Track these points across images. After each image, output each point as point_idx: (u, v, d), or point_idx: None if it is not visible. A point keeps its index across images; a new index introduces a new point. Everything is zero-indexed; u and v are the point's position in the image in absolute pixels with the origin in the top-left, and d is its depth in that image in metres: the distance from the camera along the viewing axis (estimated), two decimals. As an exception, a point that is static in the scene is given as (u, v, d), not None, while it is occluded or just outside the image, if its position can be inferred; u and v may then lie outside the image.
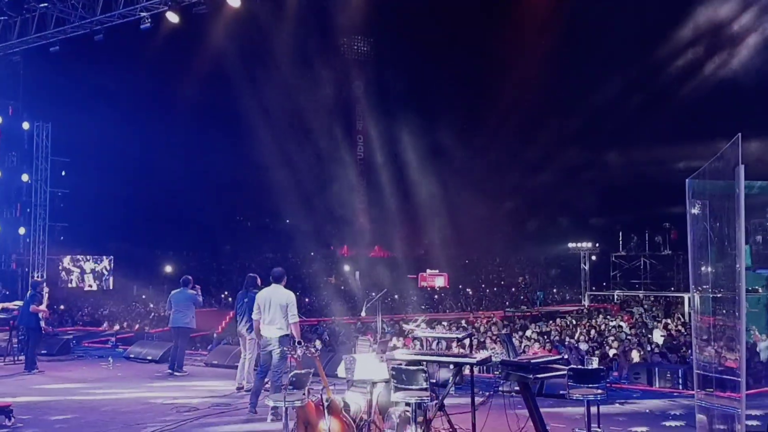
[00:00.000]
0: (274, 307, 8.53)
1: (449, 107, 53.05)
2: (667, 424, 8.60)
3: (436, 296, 46.35)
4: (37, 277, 15.96)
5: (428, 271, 53.63)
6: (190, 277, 12.59)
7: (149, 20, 16.11)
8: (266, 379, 8.90)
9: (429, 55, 55.91)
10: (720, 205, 5.60)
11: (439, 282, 52.36)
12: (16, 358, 13.50)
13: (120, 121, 40.79)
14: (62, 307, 30.26)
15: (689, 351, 15.51)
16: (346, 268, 57.95)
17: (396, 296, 40.63)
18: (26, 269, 21.61)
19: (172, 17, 16.10)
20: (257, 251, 53.81)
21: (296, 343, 8.25)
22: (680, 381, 10.88)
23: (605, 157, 51.56)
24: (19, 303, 14.04)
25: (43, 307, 12.83)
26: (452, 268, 55.88)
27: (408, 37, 55.78)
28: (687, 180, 6.37)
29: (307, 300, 36.81)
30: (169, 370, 12.14)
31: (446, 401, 7.43)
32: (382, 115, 61.89)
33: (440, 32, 53.06)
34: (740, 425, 5.39)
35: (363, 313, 9.40)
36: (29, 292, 13.31)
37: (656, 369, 11.55)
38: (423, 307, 38.47)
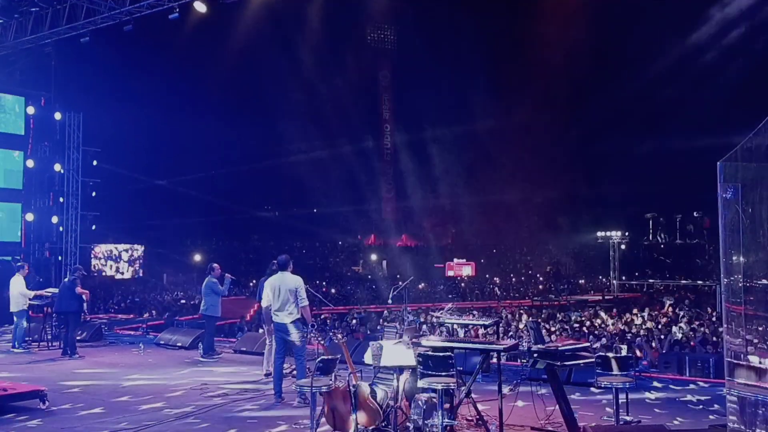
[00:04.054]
0: (284, 293, 8.64)
1: (477, 97, 52.66)
2: (698, 412, 8.49)
3: (463, 285, 46.24)
4: (78, 266, 16.25)
5: (455, 260, 53.52)
6: (214, 265, 12.84)
7: (177, 10, 16.20)
8: (286, 364, 9.00)
9: (456, 43, 55.49)
10: (752, 189, 5.47)
11: (467, 271, 52.22)
12: (50, 344, 13.79)
13: (150, 110, 41.27)
14: (107, 297, 30.84)
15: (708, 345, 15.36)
16: (374, 257, 58.11)
17: (423, 284, 40.64)
18: (59, 257, 21.98)
19: (200, 7, 16.17)
20: (285, 240, 54.16)
21: (311, 327, 8.37)
22: (711, 370, 10.73)
23: (636, 144, 50.86)
24: (53, 290, 14.32)
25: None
26: (480, 257, 55.72)
27: (434, 24, 55.45)
28: (718, 163, 6.23)
29: (333, 291, 36.99)
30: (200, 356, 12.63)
31: (473, 388, 7.43)
32: (408, 104, 61.81)
33: (468, 16, 52.59)
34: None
35: (390, 302, 9.41)
36: (67, 278, 13.56)
37: (687, 358, 11.41)
38: (450, 296, 38.43)
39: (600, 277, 50.72)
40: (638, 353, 14.76)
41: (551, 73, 45.84)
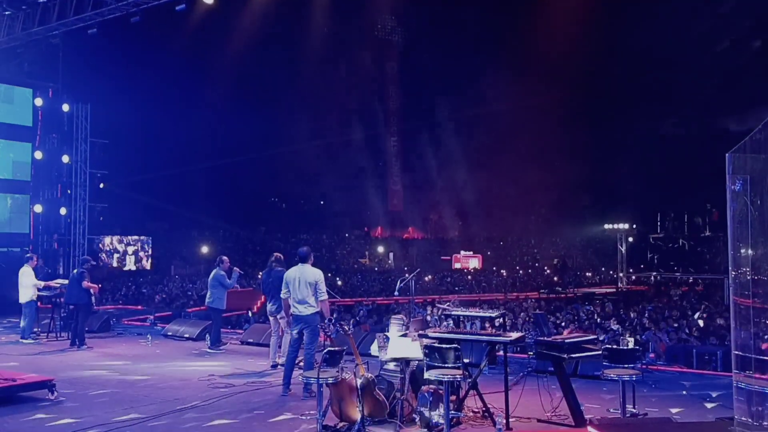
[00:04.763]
0: (303, 286, 8.59)
1: (484, 90, 52.45)
2: (705, 405, 8.48)
3: (469, 277, 46.22)
4: (87, 257, 16.28)
5: (462, 252, 53.47)
6: (223, 258, 12.91)
7: (184, 1, 16.19)
8: (298, 357, 9.00)
9: (463, 34, 55.26)
10: (761, 180, 5.43)
11: (474, 263, 52.21)
12: (58, 335, 13.86)
13: (157, 101, 41.28)
14: (115, 289, 30.90)
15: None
16: (380, 249, 58.12)
17: (429, 277, 40.64)
18: (68, 249, 22.10)
19: (207, -2, 16.19)
20: (292, 232, 54.19)
21: (327, 321, 8.33)
22: (718, 363, 10.72)
23: (644, 136, 50.64)
24: (62, 281, 14.39)
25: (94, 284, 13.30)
26: (487, 249, 55.67)
27: (442, 14, 55.17)
28: (727, 155, 6.18)
29: (340, 282, 36.97)
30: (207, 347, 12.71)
31: (479, 380, 7.43)
32: (416, 96, 61.66)
33: (476, 5, 52.26)
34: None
35: (396, 294, 9.41)
36: (76, 270, 13.62)
37: (694, 351, 11.40)
38: (457, 288, 38.41)
39: (603, 268, 50.63)
40: (645, 346, 14.74)
41: (559, 66, 45.57)
